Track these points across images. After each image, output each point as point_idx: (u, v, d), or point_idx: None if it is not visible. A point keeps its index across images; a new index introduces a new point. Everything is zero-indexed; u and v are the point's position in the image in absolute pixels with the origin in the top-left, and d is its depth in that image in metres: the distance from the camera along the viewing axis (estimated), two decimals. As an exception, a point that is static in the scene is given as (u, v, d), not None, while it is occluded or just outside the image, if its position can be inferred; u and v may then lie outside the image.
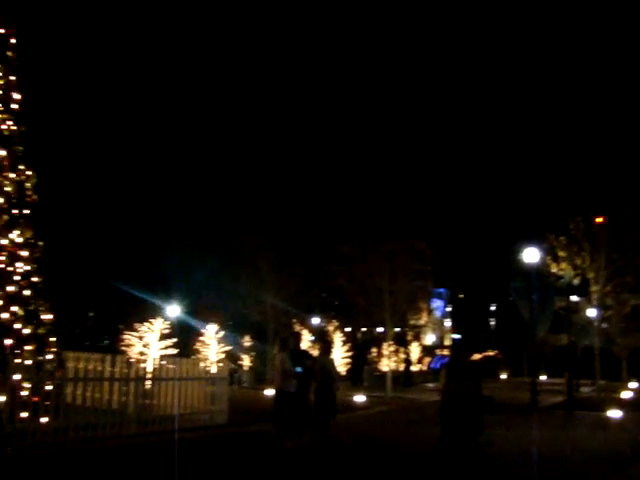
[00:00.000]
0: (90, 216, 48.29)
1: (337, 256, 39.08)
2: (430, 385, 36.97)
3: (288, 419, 10.91)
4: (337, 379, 13.04)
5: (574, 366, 25.60)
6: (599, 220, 46.83)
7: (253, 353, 35.56)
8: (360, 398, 22.77)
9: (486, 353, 53.81)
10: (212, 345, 27.96)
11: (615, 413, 18.86)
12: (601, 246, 39.98)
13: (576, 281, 40.05)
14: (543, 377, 39.91)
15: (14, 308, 12.20)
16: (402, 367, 39.93)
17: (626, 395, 26.74)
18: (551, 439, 13.78)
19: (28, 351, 11.78)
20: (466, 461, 9.86)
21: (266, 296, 35.71)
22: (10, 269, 12.53)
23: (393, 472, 10.29)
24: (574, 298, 43.62)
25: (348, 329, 41.12)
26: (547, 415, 19.37)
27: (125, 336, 19.38)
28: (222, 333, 28.63)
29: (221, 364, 16.22)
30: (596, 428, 16.62)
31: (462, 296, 61.43)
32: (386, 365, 32.04)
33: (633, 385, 33.67)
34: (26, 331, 12.29)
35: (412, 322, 42.80)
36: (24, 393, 10.94)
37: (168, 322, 20.16)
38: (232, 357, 31.46)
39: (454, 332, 56.90)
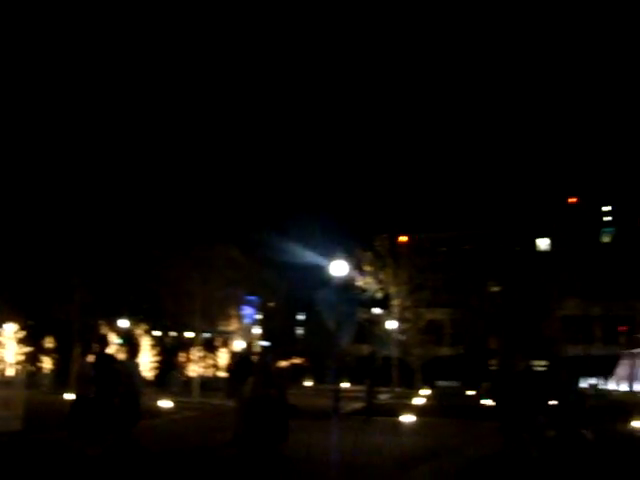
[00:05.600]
0: None
1: (147, 258, 37.93)
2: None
3: (86, 426, 10.64)
4: (142, 384, 12.90)
5: (374, 374, 27.00)
6: (403, 239, 50.39)
7: (56, 355, 33.79)
8: (166, 403, 22.50)
9: (292, 361, 54.99)
10: (9, 346, 26.35)
11: (408, 418, 20.34)
12: (403, 263, 43.21)
13: (379, 294, 42.71)
14: (346, 384, 41.43)
15: None
16: (211, 372, 40.13)
17: (418, 401, 28.69)
18: (350, 443, 14.49)
19: None
20: (269, 464, 10.24)
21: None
22: None
23: (197, 476, 10.40)
24: (376, 311, 46.34)
25: (157, 333, 40.39)
26: (348, 420, 20.26)
27: None
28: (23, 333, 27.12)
29: (19, 366, 15.38)
30: (392, 432, 17.86)
31: (272, 305, 62.45)
32: (193, 370, 31.96)
33: (425, 392, 36.13)
34: None
35: (222, 328, 42.84)
36: None
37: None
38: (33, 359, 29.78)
39: (263, 339, 57.58)
